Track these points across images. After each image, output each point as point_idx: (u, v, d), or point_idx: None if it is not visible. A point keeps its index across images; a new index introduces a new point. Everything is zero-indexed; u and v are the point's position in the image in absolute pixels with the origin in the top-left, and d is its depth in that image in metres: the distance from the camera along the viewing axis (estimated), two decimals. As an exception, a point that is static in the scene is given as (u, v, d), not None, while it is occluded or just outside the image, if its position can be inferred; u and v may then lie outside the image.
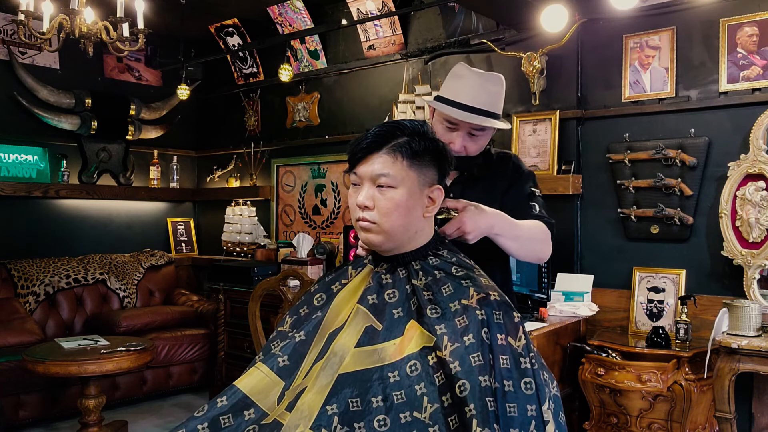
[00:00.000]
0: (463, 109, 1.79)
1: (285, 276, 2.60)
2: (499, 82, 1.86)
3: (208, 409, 1.33)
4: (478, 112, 1.79)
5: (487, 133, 1.86)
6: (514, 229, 1.71)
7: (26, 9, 3.40)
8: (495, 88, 1.84)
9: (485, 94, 1.81)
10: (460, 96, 1.80)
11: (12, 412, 4.00)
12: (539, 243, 1.78)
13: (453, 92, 1.83)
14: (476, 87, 1.81)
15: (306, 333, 1.41)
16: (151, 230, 5.79)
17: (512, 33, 3.83)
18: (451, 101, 1.81)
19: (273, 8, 4.83)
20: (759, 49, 3.12)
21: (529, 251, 1.79)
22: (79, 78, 5.18)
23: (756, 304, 2.84)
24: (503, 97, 1.88)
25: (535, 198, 1.88)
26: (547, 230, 1.80)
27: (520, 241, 1.73)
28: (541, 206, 1.87)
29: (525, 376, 1.26)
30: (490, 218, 1.64)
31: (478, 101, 1.79)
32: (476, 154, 1.87)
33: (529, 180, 1.91)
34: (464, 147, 1.83)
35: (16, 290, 4.61)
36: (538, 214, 1.83)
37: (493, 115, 1.82)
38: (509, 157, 1.96)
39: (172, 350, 4.77)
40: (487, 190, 1.87)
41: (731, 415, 2.77)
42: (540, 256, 1.83)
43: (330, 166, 5.06)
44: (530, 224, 1.78)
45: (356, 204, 1.40)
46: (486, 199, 1.79)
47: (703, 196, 3.28)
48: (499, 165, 1.93)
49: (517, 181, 1.90)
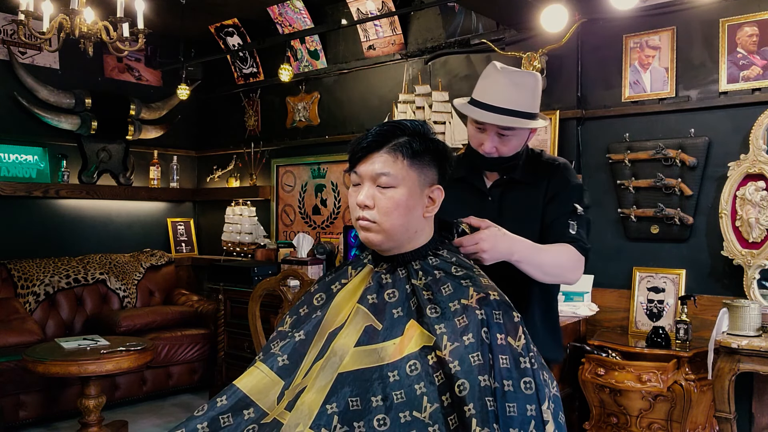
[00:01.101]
0: (488, 109, 1.73)
1: (285, 276, 2.59)
2: (530, 80, 1.77)
3: (207, 408, 1.33)
4: (503, 111, 1.72)
5: (519, 134, 1.77)
6: (537, 256, 1.64)
7: (26, 9, 3.40)
8: (525, 87, 1.75)
9: (513, 93, 1.73)
10: (486, 96, 1.75)
11: (12, 412, 4.00)
12: (565, 270, 1.70)
13: (480, 92, 1.78)
14: (502, 86, 1.74)
15: (306, 332, 1.41)
16: (151, 230, 5.79)
17: (512, 33, 3.83)
18: (478, 102, 1.77)
19: (273, 8, 4.83)
20: (759, 49, 3.12)
21: (553, 278, 1.71)
22: (79, 78, 5.18)
23: (756, 304, 2.84)
24: (537, 96, 1.79)
25: (577, 216, 1.76)
26: (578, 256, 1.71)
27: (544, 269, 1.66)
28: (581, 226, 1.76)
29: (525, 376, 1.26)
30: (511, 243, 1.59)
31: (504, 101, 1.73)
32: (510, 155, 1.79)
33: (575, 194, 1.79)
34: (495, 148, 1.77)
35: (16, 290, 4.61)
36: (574, 235, 1.73)
37: (522, 115, 1.74)
38: (558, 166, 1.85)
39: (172, 350, 4.77)
40: (529, 197, 1.80)
41: (731, 415, 2.76)
42: (566, 282, 1.76)
43: (330, 166, 5.06)
44: (557, 250, 1.70)
45: (356, 203, 1.40)
46: (526, 206, 1.75)
47: (703, 196, 3.28)
48: (545, 171, 1.83)
49: (561, 193, 1.79)
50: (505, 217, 1.77)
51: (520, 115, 1.73)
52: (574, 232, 1.73)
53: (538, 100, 1.79)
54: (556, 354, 1.92)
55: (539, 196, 1.79)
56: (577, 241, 1.72)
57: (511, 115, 1.72)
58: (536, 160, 1.86)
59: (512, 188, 1.82)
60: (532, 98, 1.76)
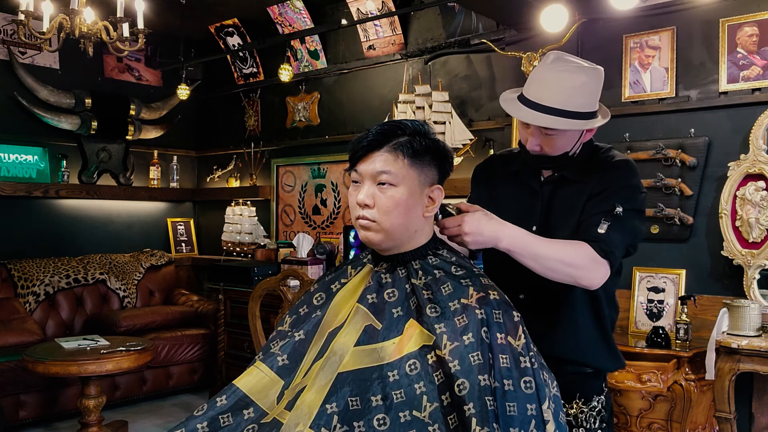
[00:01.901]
0: (530, 106, 1.61)
1: (285, 276, 2.60)
2: (580, 77, 1.60)
3: (207, 408, 1.33)
4: (545, 110, 1.59)
5: (565, 133, 1.62)
6: (532, 246, 1.50)
7: (26, 9, 3.40)
8: (573, 85, 1.59)
9: (558, 91, 1.59)
10: (530, 92, 1.63)
11: (12, 412, 4.00)
12: (573, 268, 1.51)
13: (527, 87, 1.65)
14: (548, 83, 1.61)
15: (305, 332, 1.41)
16: (151, 230, 5.79)
17: (512, 33, 3.83)
18: (523, 97, 1.64)
19: (273, 8, 4.83)
20: (759, 49, 3.12)
21: (558, 275, 1.52)
22: (79, 78, 5.18)
23: (756, 304, 2.84)
24: (589, 93, 1.62)
25: (612, 216, 1.57)
26: (593, 256, 1.52)
27: (542, 262, 1.50)
28: (615, 228, 1.56)
29: (525, 375, 1.26)
30: (498, 228, 1.48)
31: (548, 99, 1.59)
32: (556, 154, 1.66)
33: (621, 194, 1.60)
34: (539, 146, 1.65)
35: (16, 290, 4.61)
36: (599, 234, 1.54)
37: (568, 114, 1.58)
38: (613, 163, 1.68)
39: (172, 350, 4.77)
40: (577, 195, 1.66)
41: (731, 415, 2.76)
42: (579, 282, 1.54)
43: (330, 166, 5.06)
44: (565, 244, 1.54)
45: (356, 202, 1.40)
46: (571, 205, 1.65)
47: (703, 196, 3.28)
48: (599, 169, 1.67)
49: (604, 191, 1.61)
50: (552, 216, 1.69)
51: (566, 114, 1.59)
52: (602, 232, 1.55)
53: (591, 97, 1.63)
54: (610, 362, 1.74)
55: (585, 195, 1.64)
56: (598, 242, 1.54)
57: (555, 115, 1.58)
58: (595, 157, 1.71)
59: (563, 186, 1.70)
60: (582, 96, 1.61)
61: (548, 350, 1.59)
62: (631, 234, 1.61)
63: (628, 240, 1.61)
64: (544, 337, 1.59)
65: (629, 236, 1.60)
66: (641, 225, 1.66)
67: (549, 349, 1.60)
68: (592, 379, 1.72)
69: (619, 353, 1.77)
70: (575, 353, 1.68)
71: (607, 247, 1.54)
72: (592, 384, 1.72)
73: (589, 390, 1.71)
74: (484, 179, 1.87)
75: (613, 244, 1.55)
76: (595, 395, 1.71)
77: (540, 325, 1.60)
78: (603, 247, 1.53)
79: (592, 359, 1.70)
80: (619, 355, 1.77)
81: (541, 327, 1.60)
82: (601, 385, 1.74)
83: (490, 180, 1.86)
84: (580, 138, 1.67)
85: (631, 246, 1.64)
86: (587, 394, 1.70)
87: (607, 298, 1.71)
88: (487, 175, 1.87)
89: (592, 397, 1.71)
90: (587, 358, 1.70)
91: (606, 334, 1.72)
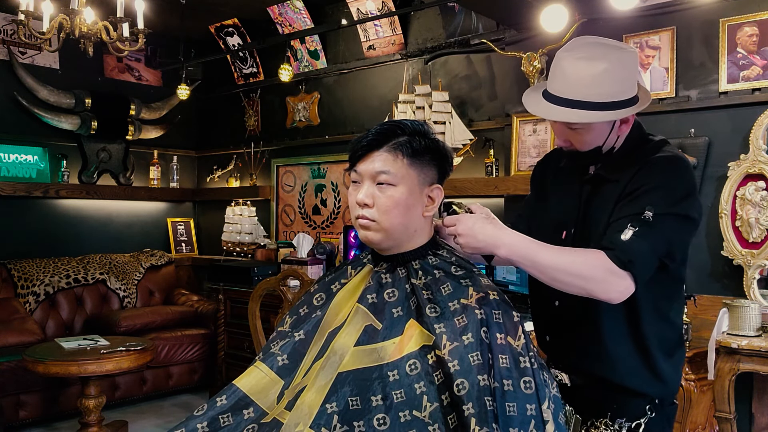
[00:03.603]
0: (549, 100, 1.47)
1: (285, 276, 2.60)
2: (604, 62, 1.41)
3: (207, 408, 1.33)
4: (562, 102, 1.44)
5: (592, 127, 1.46)
6: (535, 255, 1.37)
7: (26, 9, 3.40)
8: (594, 72, 1.41)
9: (576, 80, 1.42)
10: (551, 85, 1.48)
11: (12, 412, 4.00)
12: (582, 280, 1.36)
13: (549, 80, 1.50)
14: (565, 73, 1.44)
15: (305, 332, 1.41)
16: (151, 230, 5.79)
17: (512, 33, 3.83)
18: (546, 92, 1.50)
19: (273, 8, 4.83)
20: (759, 49, 3.12)
21: (568, 287, 1.38)
22: (79, 78, 5.18)
23: (756, 304, 2.84)
24: (616, 80, 1.42)
25: (640, 221, 1.36)
26: (608, 266, 1.34)
27: (548, 273, 1.37)
28: (642, 235, 1.35)
29: (524, 376, 1.26)
30: (498, 234, 1.37)
31: (565, 90, 1.44)
32: (587, 149, 1.50)
33: (655, 196, 1.39)
34: (567, 141, 1.52)
35: (16, 290, 4.61)
36: (621, 241, 1.36)
37: (586, 105, 1.42)
38: (653, 158, 1.47)
39: (172, 350, 4.77)
40: (610, 196, 1.48)
41: (731, 415, 2.76)
42: (593, 295, 1.37)
43: (330, 166, 5.06)
44: (575, 254, 1.39)
45: (356, 201, 1.40)
46: (606, 207, 1.48)
47: (703, 196, 3.27)
48: (637, 164, 1.47)
49: (638, 190, 1.42)
50: (588, 219, 1.53)
51: (585, 106, 1.41)
52: (624, 239, 1.35)
53: (619, 84, 1.43)
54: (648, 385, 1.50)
55: (617, 195, 1.46)
56: (616, 250, 1.35)
57: (573, 107, 1.42)
58: (639, 149, 1.51)
59: (601, 185, 1.52)
60: (605, 85, 1.41)
61: (576, 361, 1.55)
62: (666, 242, 1.39)
63: (662, 249, 1.39)
64: (573, 347, 1.54)
65: (662, 244, 1.39)
66: (685, 233, 1.44)
67: (577, 360, 1.55)
68: (629, 398, 1.51)
69: (669, 380, 1.52)
70: (603, 370, 1.51)
71: (626, 257, 1.34)
72: (628, 402, 1.51)
73: (623, 410, 1.51)
74: (538, 177, 1.74)
75: (635, 253, 1.35)
76: (628, 419, 1.50)
77: (570, 333, 1.56)
78: (620, 257, 1.34)
79: (625, 378, 1.50)
80: (667, 381, 1.52)
81: (570, 335, 1.56)
82: (644, 406, 1.50)
83: (543, 178, 1.72)
84: (612, 130, 1.48)
85: (668, 256, 1.41)
86: (619, 413, 1.51)
87: (654, 314, 1.49)
88: (541, 173, 1.74)
89: (624, 419, 1.50)
90: (617, 377, 1.50)
91: (647, 354, 1.49)
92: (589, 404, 1.53)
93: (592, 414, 1.53)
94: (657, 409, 1.52)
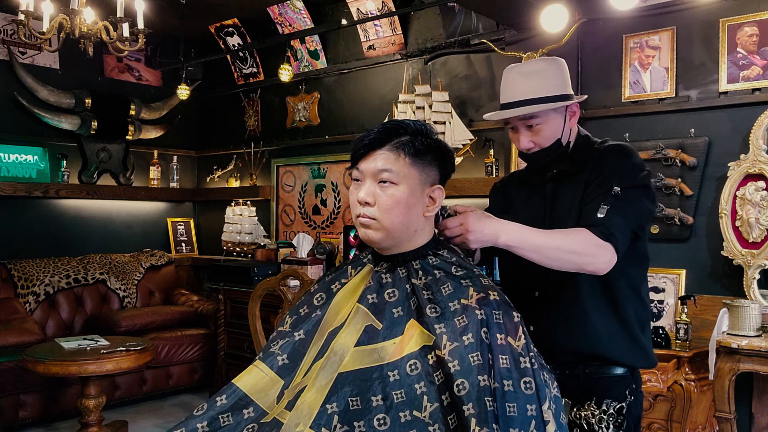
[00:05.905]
0: (505, 107, 1.70)
1: (285, 276, 2.60)
2: (539, 65, 1.70)
3: (207, 407, 1.33)
4: (517, 104, 1.67)
5: (547, 121, 1.68)
6: (532, 238, 1.51)
7: (26, 9, 3.40)
8: (535, 73, 1.68)
9: (523, 83, 1.68)
10: (503, 97, 1.72)
11: (12, 412, 4.00)
12: (574, 255, 1.51)
13: (500, 98, 1.74)
14: (512, 82, 1.70)
15: (305, 332, 1.41)
16: (151, 230, 5.79)
17: (512, 33, 3.83)
18: (501, 105, 1.73)
19: (273, 8, 4.83)
20: (759, 49, 3.12)
21: (561, 263, 1.53)
22: (79, 78, 5.18)
23: (756, 304, 2.85)
24: (555, 77, 1.68)
25: (614, 197, 1.57)
26: (594, 240, 1.51)
27: (543, 252, 1.51)
28: (616, 209, 1.56)
29: (525, 376, 1.26)
30: (497, 226, 1.50)
31: (515, 95, 1.68)
32: (549, 144, 1.70)
33: (618, 175, 1.60)
34: (531, 142, 1.71)
35: (16, 290, 4.61)
36: (598, 219, 1.54)
37: (539, 100, 1.65)
38: (604, 148, 1.71)
39: (172, 350, 4.77)
40: (576, 187, 1.68)
41: (731, 415, 2.76)
42: (584, 269, 1.54)
43: (330, 166, 5.06)
44: (564, 233, 1.55)
45: (357, 200, 1.40)
46: (571, 198, 1.68)
47: (703, 196, 3.28)
48: (591, 156, 1.70)
49: (600, 176, 1.63)
50: (556, 212, 1.71)
51: (537, 101, 1.65)
52: (601, 216, 1.54)
53: (558, 80, 1.68)
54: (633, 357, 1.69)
55: (582, 184, 1.67)
56: (597, 225, 1.53)
57: (527, 105, 1.65)
58: (588, 147, 1.74)
59: (564, 181, 1.73)
60: (546, 79, 1.67)
61: (563, 342, 1.65)
62: (635, 213, 1.59)
63: (632, 220, 1.58)
64: (558, 330, 1.65)
65: (633, 216, 1.58)
66: (648, 203, 1.63)
67: (564, 342, 1.65)
68: (614, 381, 1.67)
69: (648, 350, 1.70)
70: (591, 345, 1.64)
71: (607, 230, 1.52)
72: (612, 386, 1.67)
73: (608, 392, 1.66)
74: (501, 192, 1.94)
75: (614, 226, 1.53)
76: (613, 399, 1.65)
77: (554, 317, 1.66)
78: (603, 231, 1.52)
79: (611, 352, 1.65)
80: (647, 351, 1.70)
81: (555, 319, 1.66)
82: (624, 390, 1.67)
83: (505, 192, 1.91)
84: (565, 123, 1.71)
85: (638, 227, 1.62)
86: (604, 395, 1.65)
87: (630, 292, 1.68)
88: (503, 188, 1.94)
89: (610, 399, 1.65)
90: (603, 350, 1.65)
91: (628, 327, 1.66)
92: (577, 388, 1.65)
93: (579, 398, 1.65)
94: (635, 393, 1.71)
